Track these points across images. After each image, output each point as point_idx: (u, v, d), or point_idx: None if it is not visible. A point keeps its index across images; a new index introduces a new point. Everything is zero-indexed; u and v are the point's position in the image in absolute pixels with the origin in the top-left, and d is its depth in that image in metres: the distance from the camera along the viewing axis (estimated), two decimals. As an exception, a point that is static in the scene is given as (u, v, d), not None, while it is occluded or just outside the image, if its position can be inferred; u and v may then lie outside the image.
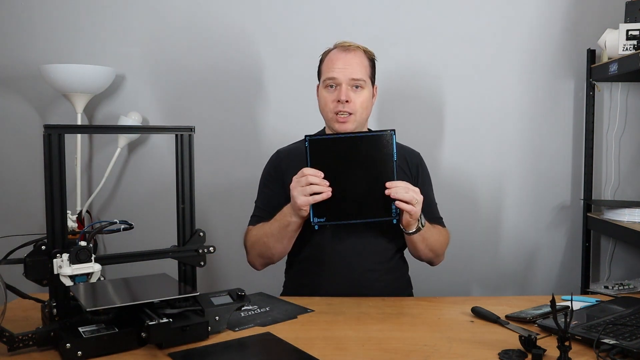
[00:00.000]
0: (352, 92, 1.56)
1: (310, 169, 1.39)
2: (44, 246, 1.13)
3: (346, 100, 1.54)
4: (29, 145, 2.37)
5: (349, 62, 1.57)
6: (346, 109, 1.55)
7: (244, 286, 1.33)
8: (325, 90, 1.59)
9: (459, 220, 2.21)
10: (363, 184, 1.41)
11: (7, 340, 1.07)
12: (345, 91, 1.55)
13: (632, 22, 1.97)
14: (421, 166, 1.70)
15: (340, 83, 1.56)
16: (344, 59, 1.57)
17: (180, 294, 1.20)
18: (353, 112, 1.56)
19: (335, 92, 1.57)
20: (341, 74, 1.56)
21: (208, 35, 2.30)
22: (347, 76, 1.55)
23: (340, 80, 1.56)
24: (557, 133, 2.26)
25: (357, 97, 1.56)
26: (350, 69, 1.56)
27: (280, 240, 1.53)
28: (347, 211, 1.42)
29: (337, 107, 1.56)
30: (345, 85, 1.56)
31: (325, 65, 1.61)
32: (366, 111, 1.60)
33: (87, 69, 2.14)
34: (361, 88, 1.57)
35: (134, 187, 2.37)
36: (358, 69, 1.57)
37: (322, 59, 1.65)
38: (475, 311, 1.35)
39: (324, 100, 1.59)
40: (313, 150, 1.40)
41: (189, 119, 2.22)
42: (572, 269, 2.28)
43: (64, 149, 1.15)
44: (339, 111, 1.56)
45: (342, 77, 1.56)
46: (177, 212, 1.28)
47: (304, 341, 1.17)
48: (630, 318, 1.24)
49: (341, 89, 1.55)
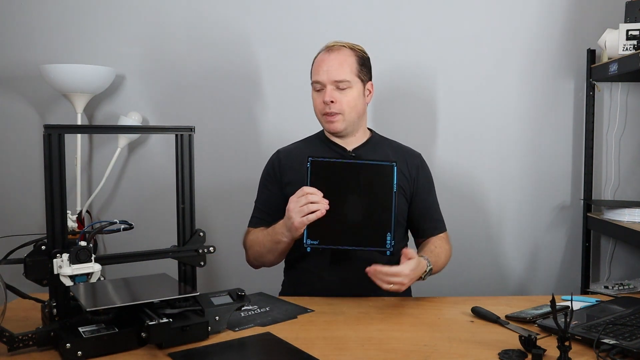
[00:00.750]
0: (338, 92, 1.57)
1: (310, 188, 1.39)
2: (44, 246, 1.13)
3: (331, 101, 1.56)
4: (29, 145, 2.37)
5: (331, 63, 1.57)
6: (333, 110, 1.57)
7: (244, 286, 1.33)
8: (314, 92, 1.62)
9: (459, 220, 2.21)
10: (360, 212, 1.41)
11: (7, 340, 1.07)
12: (330, 92, 1.56)
13: (632, 22, 1.97)
14: (422, 167, 1.69)
15: (324, 85, 1.58)
16: (327, 60, 1.58)
17: (180, 294, 1.20)
18: (340, 111, 1.57)
19: (322, 94, 1.59)
20: (324, 76, 1.57)
21: (208, 36, 2.30)
22: (330, 78, 1.57)
23: (324, 82, 1.57)
24: (557, 133, 2.26)
25: (343, 96, 1.57)
26: (333, 71, 1.57)
27: (272, 253, 1.56)
28: (341, 236, 1.42)
29: (325, 109, 1.58)
30: (330, 87, 1.57)
31: (314, 68, 1.63)
32: (355, 110, 1.60)
33: (87, 69, 2.14)
34: (348, 88, 1.58)
35: (134, 187, 2.37)
36: (341, 69, 1.57)
37: (313, 61, 1.66)
38: (476, 311, 1.35)
39: (314, 103, 1.63)
40: (314, 171, 1.40)
41: (189, 119, 2.22)
42: (572, 269, 2.28)
43: (64, 149, 1.15)
44: (327, 112, 1.58)
45: (325, 79, 1.57)
46: (177, 212, 1.28)
47: (304, 341, 1.17)
48: (630, 318, 1.24)
49: (326, 91, 1.57)
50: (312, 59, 1.66)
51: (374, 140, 1.69)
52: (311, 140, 1.73)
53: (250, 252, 1.63)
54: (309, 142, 1.73)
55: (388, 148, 1.70)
